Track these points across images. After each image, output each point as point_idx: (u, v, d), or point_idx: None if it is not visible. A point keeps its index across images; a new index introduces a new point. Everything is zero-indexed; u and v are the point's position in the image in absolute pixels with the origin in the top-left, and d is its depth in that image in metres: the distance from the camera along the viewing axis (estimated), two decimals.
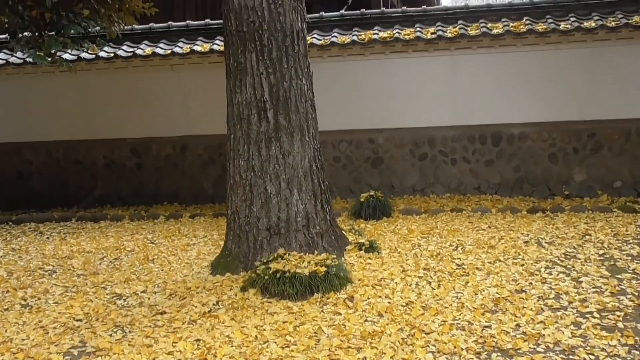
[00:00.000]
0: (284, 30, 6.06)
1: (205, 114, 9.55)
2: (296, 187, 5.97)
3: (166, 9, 12.56)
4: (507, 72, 9.10)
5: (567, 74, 8.97)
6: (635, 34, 8.59)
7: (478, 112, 9.26)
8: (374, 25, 9.49)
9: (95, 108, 10.03)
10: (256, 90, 5.99)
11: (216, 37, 9.61)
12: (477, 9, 9.54)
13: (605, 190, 9.03)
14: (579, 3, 9.19)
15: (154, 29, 10.02)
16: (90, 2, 6.28)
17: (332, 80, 9.22)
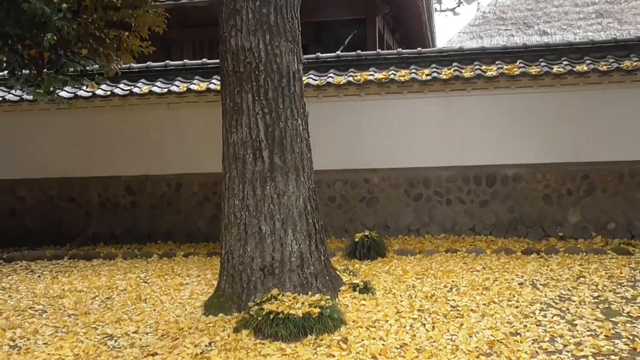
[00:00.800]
0: (280, 71, 6.11)
1: (201, 153, 9.58)
2: (291, 227, 5.95)
3: (164, 48, 12.70)
4: (501, 113, 9.18)
5: (561, 116, 9.06)
6: (626, 78, 8.71)
7: (473, 153, 9.31)
8: (370, 66, 9.60)
9: (91, 145, 10.06)
10: (252, 130, 6.02)
11: (213, 77, 9.70)
12: (471, 52, 9.67)
13: (600, 231, 9.04)
14: (571, 47, 9.35)
15: (152, 67, 10.11)
16: (88, 42, 6.35)
17: (328, 120, 9.29)
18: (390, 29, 16.48)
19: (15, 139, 10.23)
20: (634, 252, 7.96)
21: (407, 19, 15.50)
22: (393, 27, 16.71)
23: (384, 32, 15.07)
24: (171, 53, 13.54)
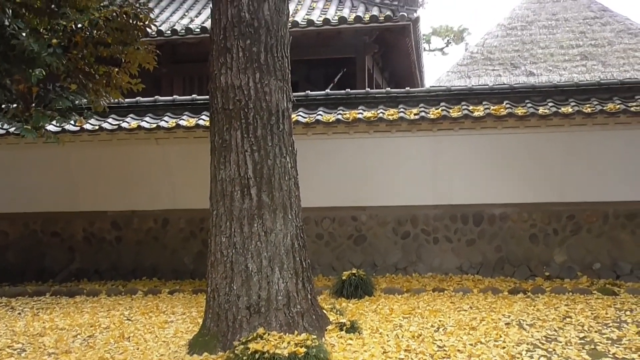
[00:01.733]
0: (269, 109, 6.16)
1: (189, 188, 9.55)
2: (278, 265, 5.93)
3: (154, 82, 12.76)
4: (488, 153, 9.25)
5: (546, 157, 9.14)
6: (609, 120, 8.84)
7: (460, 191, 9.36)
8: (359, 104, 9.67)
9: (78, 180, 10.01)
10: (240, 168, 6.03)
11: (202, 112, 9.71)
12: (459, 92, 9.79)
13: (585, 271, 9.07)
14: (556, 89, 9.49)
15: (141, 102, 10.12)
16: (78, 77, 6.37)
17: (317, 157, 9.31)
18: (380, 68, 16.68)
19: (0, 172, 10.15)
20: (619, 292, 7.98)
21: (396, 58, 15.71)
22: (382, 66, 16.92)
23: (373, 71, 15.24)
24: (161, 88, 13.60)
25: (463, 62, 21.43)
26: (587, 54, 20.34)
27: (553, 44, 21.13)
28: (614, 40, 20.56)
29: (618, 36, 20.68)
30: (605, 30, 21.16)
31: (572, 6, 22.45)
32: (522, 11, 22.87)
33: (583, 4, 22.48)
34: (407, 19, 12.68)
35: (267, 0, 6.22)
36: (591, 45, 20.62)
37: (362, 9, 13.45)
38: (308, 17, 13.03)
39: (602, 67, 19.73)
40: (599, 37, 20.88)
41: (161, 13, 14.49)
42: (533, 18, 22.32)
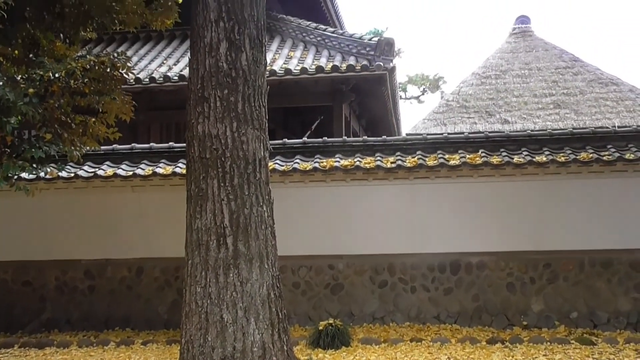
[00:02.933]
0: (246, 158, 6.17)
1: (164, 237, 9.42)
2: (253, 315, 5.85)
3: (131, 129, 12.73)
4: (465, 201, 9.31)
5: (522, 205, 9.22)
6: (583, 169, 8.97)
7: (437, 240, 9.36)
8: (336, 153, 9.71)
9: (51, 228, 9.86)
10: (216, 217, 6.01)
11: (179, 160, 9.68)
12: (435, 140, 9.89)
13: (563, 320, 9.05)
14: (530, 138, 9.64)
15: (117, 150, 10.06)
16: (53, 126, 6.32)
17: (294, 205, 9.29)
18: (357, 115, 16.85)
19: None
20: (596, 342, 7.97)
21: (373, 106, 15.89)
22: (359, 114, 17.10)
23: (350, 118, 15.39)
24: (138, 135, 13.57)
25: (439, 109, 21.75)
26: (560, 103, 20.78)
27: (527, 92, 21.56)
28: (585, 90, 21.06)
29: (589, 85, 21.19)
30: (577, 79, 21.68)
31: (544, 56, 22.99)
32: (496, 60, 23.35)
33: (555, 54, 23.04)
34: (383, 69, 12.87)
35: (244, 50, 6.30)
36: (564, 94, 21.08)
37: (339, 58, 13.64)
38: (285, 66, 13.18)
39: (575, 115, 20.16)
40: (571, 86, 21.38)
41: (140, 61, 14.56)
42: (507, 67, 22.80)
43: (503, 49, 23.89)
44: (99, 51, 13.97)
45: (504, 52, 23.71)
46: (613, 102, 20.34)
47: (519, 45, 23.82)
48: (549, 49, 23.50)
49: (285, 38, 15.31)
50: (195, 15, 6.43)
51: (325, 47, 14.39)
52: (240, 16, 6.32)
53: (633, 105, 19.99)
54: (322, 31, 14.72)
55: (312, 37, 14.88)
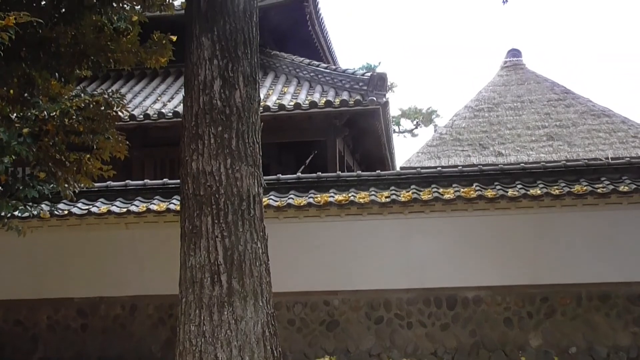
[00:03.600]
0: (240, 194, 6.14)
1: (158, 274, 9.34)
2: (248, 354, 5.76)
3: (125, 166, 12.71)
4: (460, 235, 9.29)
5: (517, 239, 9.21)
6: (577, 201, 8.99)
7: (433, 275, 9.32)
8: (330, 188, 9.71)
9: (43, 265, 9.78)
10: (210, 254, 5.95)
11: (173, 197, 9.66)
12: (429, 175, 9.91)
13: (562, 356, 8.95)
14: (524, 171, 9.67)
15: (112, 187, 10.03)
16: (48, 165, 6.31)
17: (288, 241, 9.24)
18: (351, 150, 16.91)
19: None
20: None
21: (366, 140, 15.97)
22: (353, 148, 17.16)
23: (344, 153, 15.44)
24: (132, 171, 13.56)
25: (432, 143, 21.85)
26: (553, 135, 20.91)
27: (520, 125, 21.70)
28: (578, 121, 21.21)
29: (582, 117, 21.35)
30: (569, 111, 21.85)
31: (536, 89, 23.21)
32: (489, 93, 23.54)
33: (546, 86, 23.26)
34: (376, 103, 12.96)
35: (238, 88, 6.32)
36: (556, 126, 21.22)
37: (333, 94, 13.74)
38: (279, 102, 13.26)
39: (568, 147, 20.26)
40: (564, 118, 21.52)
41: (134, 98, 14.64)
42: (499, 100, 22.99)
43: (495, 82, 24.11)
44: (94, 88, 14.08)
45: (496, 85, 23.92)
46: (606, 133, 20.48)
47: (510, 78, 24.06)
48: (540, 82, 23.73)
49: (279, 74, 15.45)
50: (189, 53, 6.48)
51: (319, 83, 14.51)
52: (234, 54, 6.36)
53: (625, 137, 20.14)
54: (316, 67, 14.87)
55: (305, 72, 15.03)
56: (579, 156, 18.78)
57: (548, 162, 12.23)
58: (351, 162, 17.14)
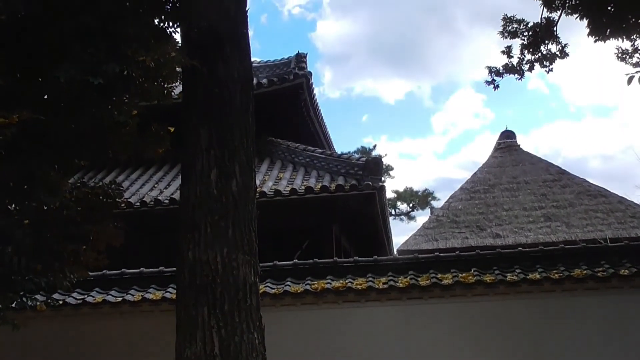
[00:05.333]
0: (237, 284, 6.11)
1: None
2: None
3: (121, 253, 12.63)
4: (459, 321, 9.13)
5: (518, 324, 9.04)
6: (577, 286, 8.91)
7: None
8: (327, 274, 9.63)
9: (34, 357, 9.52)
10: (206, 345, 5.87)
11: (169, 285, 9.56)
12: (426, 260, 9.87)
13: None
14: (522, 255, 9.64)
15: (107, 275, 9.96)
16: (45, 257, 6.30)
17: (285, 329, 9.06)
18: (347, 234, 16.88)
19: None
20: None
21: (363, 225, 15.99)
22: (349, 232, 17.13)
23: (340, 237, 15.43)
24: (128, 258, 13.45)
25: (429, 225, 21.88)
26: (550, 216, 20.96)
27: (516, 206, 21.79)
28: (575, 202, 21.31)
29: (578, 197, 21.46)
30: (565, 192, 21.98)
31: (531, 170, 23.43)
32: (484, 175, 23.75)
33: (541, 167, 23.51)
34: (372, 188, 13.08)
35: (235, 177, 6.41)
36: (554, 207, 21.30)
37: (328, 179, 13.87)
38: (275, 187, 13.38)
39: (566, 227, 20.27)
40: (560, 198, 21.63)
41: (131, 185, 14.76)
42: (495, 181, 23.17)
43: (490, 164, 24.38)
44: (92, 176, 14.22)
45: (491, 166, 24.17)
46: (603, 213, 20.55)
47: (505, 159, 24.35)
48: (535, 163, 24.00)
49: (275, 159, 15.64)
50: (187, 143, 6.59)
51: (314, 168, 14.67)
52: (231, 144, 6.48)
53: (623, 217, 20.19)
54: (311, 152, 15.08)
55: (301, 158, 15.23)
56: (577, 237, 18.79)
57: (546, 245, 12.19)
58: (348, 246, 17.08)
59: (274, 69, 17.42)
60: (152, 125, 7.19)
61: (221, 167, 6.38)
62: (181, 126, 6.78)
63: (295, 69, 16.34)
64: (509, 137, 25.15)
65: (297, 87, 16.14)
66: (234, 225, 6.27)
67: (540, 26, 10.60)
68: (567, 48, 10.75)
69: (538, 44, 10.71)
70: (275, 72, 17.08)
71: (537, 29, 10.64)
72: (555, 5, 10.25)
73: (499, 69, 11.07)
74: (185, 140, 6.62)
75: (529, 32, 10.71)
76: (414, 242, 20.88)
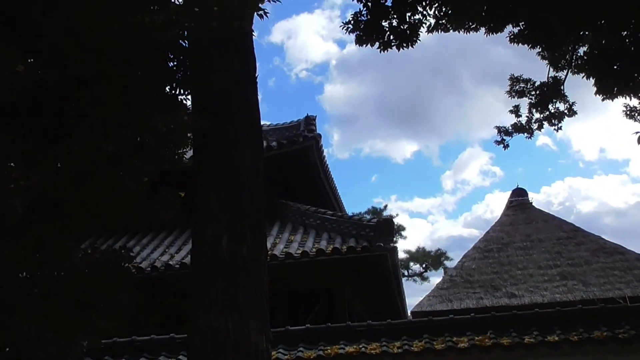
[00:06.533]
0: (248, 351, 5.98)
1: None
2: None
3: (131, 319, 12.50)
4: None
5: None
6: (598, 348, 8.69)
7: None
8: (340, 339, 9.46)
9: None
10: None
11: (180, 352, 9.45)
12: (441, 322, 9.69)
13: None
14: (539, 317, 9.43)
15: (118, 343, 9.82)
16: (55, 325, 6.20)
17: None
18: (360, 296, 16.64)
19: None
20: None
21: (375, 286, 15.77)
22: (362, 295, 16.89)
23: (353, 300, 15.20)
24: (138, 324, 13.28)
25: (443, 285, 21.55)
26: (566, 274, 20.58)
27: (531, 264, 21.46)
28: (590, 260, 20.94)
29: (594, 255, 21.11)
30: (580, 249, 21.64)
31: (544, 227, 23.18)
32: (497, 234, 23.52)
33: (555, 224, 23.25)
34: (383, 249, 12.95)
35: (246, 242, 6.35)
36: (569, 265, 20.94)
37: (339, 241, 13.77)
38: (286, 250, 13.28)
39: (583, 286, 19.87)
40: (576, 256, 21.28)
41: (142, 250, 14.70)
42: (508, 240, 22.91)
43: (503, 222, 24.19)
44: (102, 242, 14.18)
45: (504, 224, 23.97)
46: (621, 271, 20.17)
47: (518, 217, 24.14)
48: (548, 220, 23.77)
49: (286, 222, 15.58)
50: (197, 209, 6.58)
51: (325, 230, 14.59)
52: (242, 209, 6.45)
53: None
54: (322, 214, 15.03)
55: (312, 220, 15.17)
56: (595, 296, 18.41)
57: (563, 305, 11.96)
58: (360, 309, 16.81)
59: (283, 131, 17.57)
60: (162, 190, 7.20)
61: (232, 232, 6.33)
62: (191, 190, 6.79)
63: (305, 131, 16.45)
64: (520, 194, 25.02)
65: (307, 149, 16.22)
66: (245, 291, 6.17)
67: (548, 85, 10.68)
68: (575, 106, 10.80)
69: (546, 103, 10.77)
70: (285, 134, 17.21)
71: (544, 88, 10.71)
72: (561, 64, 10.35)
73: (508, 129, 11.11)
74: (196, 205, 6.61)
75: (536, 91, 10.78)
76: (428, 303, 20.53)
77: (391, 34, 8.79)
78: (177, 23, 6.07)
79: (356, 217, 14.59)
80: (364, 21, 8.76)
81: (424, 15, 8.76)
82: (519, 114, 11.08)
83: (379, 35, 8.79)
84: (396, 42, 8.81)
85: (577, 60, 9.94)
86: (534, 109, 10.93)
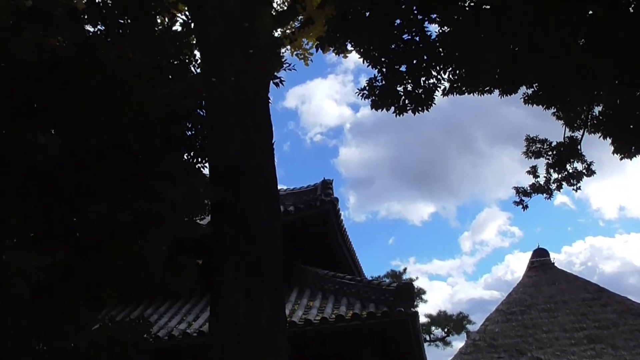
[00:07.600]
0: None
1: None
2: None
3: None
4: None
5: None
6: None
7: None
8: None
9: None
10: None
11: None
12: None
13: None
14: None
15: None
16: None
17: None
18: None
19: None
20: None
21: (397, 352, 15.42)
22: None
23: None
24: None
25: (466, 350, 21.06)
26: (593, 337, 20.02)
27: (556, 327, 20.93)
28: (618, 322, 20.40)
29: (621, 317, 20.56)
30: (606, 311, 21.12)
31: (568, 288, 22.72)
32: (519, 295, 23.10)
33: (579, 285, 22.79)
34: (404, 314, 12.72)
35: (264, 309, 6.26)
36: (596, 328, 20.38)
37: (359, 306, 13.55)
38: (305, 317, 13.08)
39: (612, 349, 19.28)
40: (602, 318, 20.75)
41: (159, 318, 14.56)
42: (531, 302, 22.46)
43: (525, 283, 23.79)
44: (119, 310, 14.08)
45: (526, 286, 23.57)
46: None
47: (540, 278, 23.74)
48: (571, 281, 23.33)
49: (304, 287, 15.40)
50: (214, 276, 6.53)
51: (345, 295, 14.39)
52: (259, 276, 6.40)
53: None
54: (341, 279, 14.85)
55: (330, 285, 14.98)
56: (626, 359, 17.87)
57: None
58: None
59: (300, 196, 17.60)
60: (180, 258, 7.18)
61: (249, 300, 6.26)
62: (209, 258, 6.75)
63: (322, 195, 16.45)
64: (541, 255, 24.66)
65: (325, 214, 16.18)
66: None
67: (564, 145, 10.67)
68: (593, 165, 10.73)
69: (564, 163, 10.73)
70: (302, 199, 17.22)
71: (561, 148, 10.70)
72: (577, 124, 10.35)
73: (526, 189, 11.05)
74: (213, 273, 6.56)
75: (553, 152, 10.76)
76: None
77: (406, 98, 8.85)
78: (194, 93, 6.18)
79: (375, 282, 14.38)
80: (379, 87, 8.82)
81: (439, 80, 8.81)
82: (536, 174, 11.04)
83: (394, 100, 8.85)
84: (411, 106, 8.86)
85: (592, 120, 9.95)
86: (551, 169, 10.89)
